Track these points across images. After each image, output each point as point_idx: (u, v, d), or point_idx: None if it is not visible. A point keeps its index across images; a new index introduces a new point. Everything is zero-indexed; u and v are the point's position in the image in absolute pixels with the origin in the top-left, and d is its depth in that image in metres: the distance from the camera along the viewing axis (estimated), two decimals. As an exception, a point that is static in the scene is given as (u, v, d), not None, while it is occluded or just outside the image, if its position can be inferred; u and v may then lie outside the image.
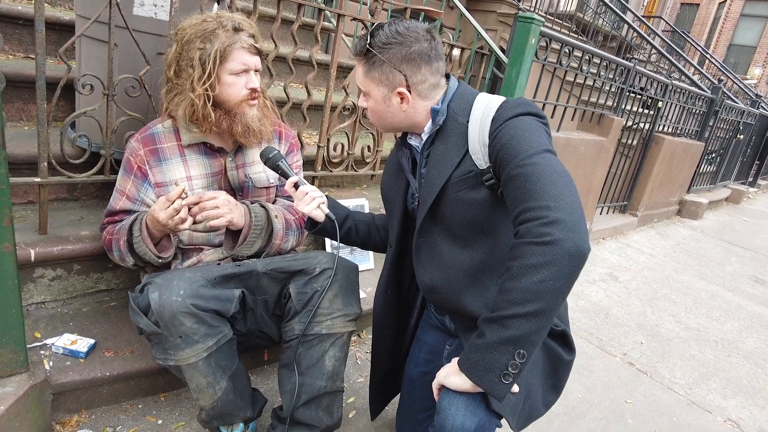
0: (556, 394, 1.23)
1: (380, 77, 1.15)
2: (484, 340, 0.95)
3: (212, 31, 1.31)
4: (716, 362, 2.63)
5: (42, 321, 1.57)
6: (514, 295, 0.91)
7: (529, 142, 1.03)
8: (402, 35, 1.12)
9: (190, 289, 1.18)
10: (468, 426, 0.99)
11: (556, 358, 1.20)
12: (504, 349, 0.92)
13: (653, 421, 2.03)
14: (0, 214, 1.13)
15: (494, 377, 0.94)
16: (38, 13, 1.34)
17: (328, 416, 1.38)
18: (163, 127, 1.42)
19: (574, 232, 0.90)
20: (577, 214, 0.93)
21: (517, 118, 1.08)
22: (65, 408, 1.45)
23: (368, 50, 1.14)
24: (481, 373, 0.95)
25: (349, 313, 1.38)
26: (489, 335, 0.94)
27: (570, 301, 2.99)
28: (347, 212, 1.48)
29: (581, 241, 0.90)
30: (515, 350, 0.92)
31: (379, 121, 1.25)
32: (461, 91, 1.20)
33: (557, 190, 0.94)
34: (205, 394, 1.27)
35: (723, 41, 17.68)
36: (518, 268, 0.92)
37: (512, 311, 0.91)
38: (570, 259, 0.90)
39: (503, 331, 0.92)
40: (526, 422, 1.13)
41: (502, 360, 0.93)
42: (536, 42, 2.45)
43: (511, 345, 0.92)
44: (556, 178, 0.96)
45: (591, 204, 3.95)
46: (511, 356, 0.92)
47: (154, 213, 1.25)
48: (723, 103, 5.65)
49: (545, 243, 0.90)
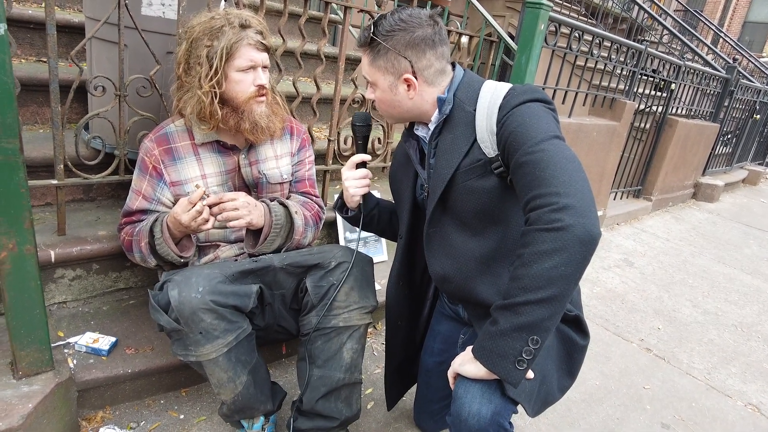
0: (571, 379, 1.23)
1: (386, 65, 1.15)
2: (498, 328, 0.95)
3: (219, 28, 1.31)
4: (735, 346, 2.61)
5: (64, 320, 1.61)
6: (526, 282, 0.92)
7: (537, 128, 1.03)
8: (405, 22, 1.12)
9: (209, 285, 1.19)
10: (484, 413, 0.99)
11: (570, 343, 1.20)
12: (518, 336, 0.93)
13: (672, 407, 2.02)
14: (21, 217, 1.15)
15: (509, 364, 0.94)
16: (49, 16, 1.35)
17: (347, 408, 1.39)
18: (175, 126, 1.43)
19: (584, 217, 0.90)
20: (587, 199, 0.93)
21: (525, 104, 1.08)
22: (90, 404, 1.48)
23: (372, 39, 1.14)
24: (495, 360, 0.96)
25: (365, 305, 1.39)
26: (502, 322, 0.94)
27: (585, 287, 2.97)
28: (377, 201, 1.48)
29: (592, 225, 0.90)
30: (529, 336, 0.92)
31: (387, 111, 1.24)
32: (467, 80, 1.20)
33: (566, 176, 0.94)
34: (226, 389, 1.29)
35: (737, 19, 17.26)
36: (530, 255, 0.92)
37: (525, 298, 0.92)
38: (581, 245, 0.90)
39: (516, 318, 0.93)
40: (542, 408, 1.14)
41: (516, 346, 0.93)
42: (545, 28, 2.42)
43: (524, 331, 0.92)
44: (565, 164, 0.96)
45: (604, 190, 3.91)
46: (525, 343, 0.93)
47: (177, 215, 1.26)
48: (738, 83, 5.54)
49: (556, 229, 0.90)
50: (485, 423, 0.99)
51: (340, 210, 1.44)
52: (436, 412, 1.55)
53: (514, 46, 2.50)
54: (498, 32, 2.55)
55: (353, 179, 1.33)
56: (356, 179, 1.33)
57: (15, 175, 1.12)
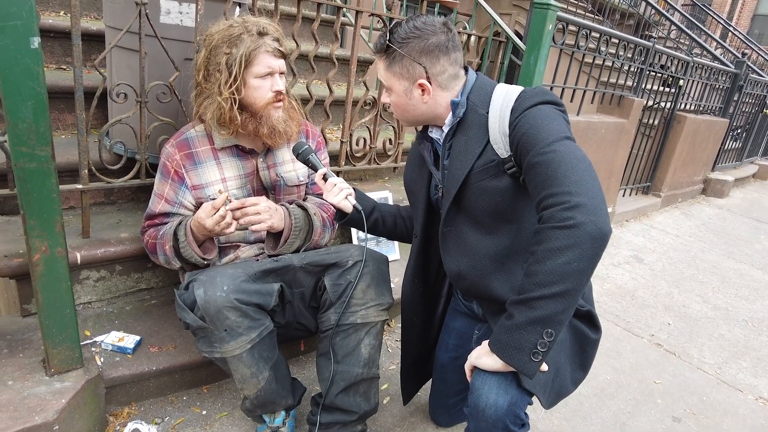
0: (584, 372, 1.27)
1: (401, 71, 1.19)
2: (514, 322, 0.99)
3: (238, 36, 1.35)
4: (746, 341, 2.62)
5: (90, 320, 1.66)
6: (541, 278, 0.95)
7: (549, 130, 1.06)
8: (420, 29, 1.16)
9: (233, 284, 1.24)
10: (501, 403, 1.03)
11: (582, 337, 1.24)
12: (533, 329, 0.96)
13: (683, 401, 2.04)
14: (53, 220, 1.21)
15: (524, 356, 0.98)
16: (74, 27, 1.40)
17: (366, 402, 1.44)
18: (195, 132, 1.48)
19: (595, 215, 0.94)
20: (598, 197, 0.96)
21: (536, 107, 1.11)
22: (117, 401, 1.54)
23: (388, 46, 1.19)
24: (511, 352, 1.00)
25: (381, 302, 1.43)
26: (518, 316, 0.98)
27: (595, 284, 3.00)
28: (374, 204, 1.52)
29: (603, 223, 0.94)
30: (543, 330, 0.96)
31: (402, 115, 1.28)
32: (480, 83, 1.23)
33: (577, 176, 0.98)
34: (249, 384, 1.34)
35: (747, 12, 17.09)
36: (543, 251, 0.96)
37: (539, 293, 0.95)
38: (593, 242, 0.93)
39: (531, 312, 0.96)
40: (556, 399, 1.18)
41: (532, 339, 0.97)
42: (553, 28, 2.45)
43: (539, 325, 0.96)
44: (576, 164, 1.00)
45: (613, 186, 3.92)
46: (539, 336, 0.96)
47: (201, 220, 1.31)
48: (747, 78, 5.52)
49: (568, 227, 0.94)
50: (502, 413, 1.03)
51: (340, 220, 1.48)
52: (451, 406, 1.59)
53: (523, 46, 2.53)
54: (506, 32, 2.58)
55: (328, 192, 1.40)
56: (330, 191, 1.40)
57: (47, 180, 1.17)
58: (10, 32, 1.03)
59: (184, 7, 1.64)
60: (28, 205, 1.16)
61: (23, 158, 1.13)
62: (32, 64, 1.07)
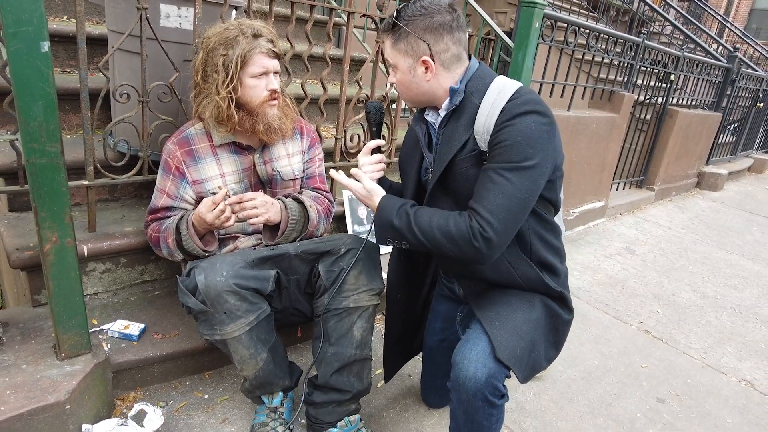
0: (557, 351, 1.35)
1: (406, 48, 1.25)
2: (393, 217, 1.27)
3: (234, 38, 1.44)
4: (732, 327, 2.70)
5: (96, 310, 1.75)
6: (425, 228, 1.21)
7: (519, 153, 1.15)
8: (426, 8, 1.22)
9: (232, 270, 1.32)
10: (480, 375, 1.11)
11: (556, 317, 1.32)
12: (392, 230, 1.26)
13: (667, 383, 2.12)
14: (62, 212, 1.29)
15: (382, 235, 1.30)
16: (80, 32, 1.48)
17: (359, 382, 1.52)
18: (195, 129, 1.56)
19: (491, 252, 1.17)
20: (506, 241, 1.18)
21: (525, 116, 1.16)
22: (123, 385, 1.62)
23: (395, 24, 1.25)
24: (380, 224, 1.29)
25: (373, 287, 1.51)
26: (397, 223, 1.25)
27: (586, 274, 3.08)
28: (390, 183, 1.57)
29: (489, 258, 1.18)
30: (393, 238, 1.28)
31: (405, 93, 1.33)
32: (480, 73, 1.28)
33: (508, 215, 1.16)
34: (248, 365, 1.42)
35: (744, 7, 17.12)
36: (447, 227, 1.18)
37: (415, 230, 1.22)
38: (466, 257, 1.18)
39: (400, 225, 1.25)
40: (530, 374, 1.26)
41: (388, 235, 1.28)
42: (540, 25, 2.52)
43: (395, 232, 1.26)
44: (512, 204, 1.16)
45: (605, 181, 4.00)
46: (394, 238, 1.28)
47: (201, 214, 1.40)
48: (740, 72, 5.59)
49: (472, 245, 1.16)
50: (481, 384, 1.11)
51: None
52: (440, 387, 1.67)
53: (511, 43, 2.61)
54: (495, 30, 2.66)
55: (369, 164, 1.41)
56: (372, 164, 1.42)
57: (57, 175, 1.26)
58: (23, 37, 1.11)
59: (182, 11, 1.72)
60: (40, 198, 1.25)
61: (35, 154, 1.21)
62: (42, 67, 1.16)
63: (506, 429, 1.73)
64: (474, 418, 1.18)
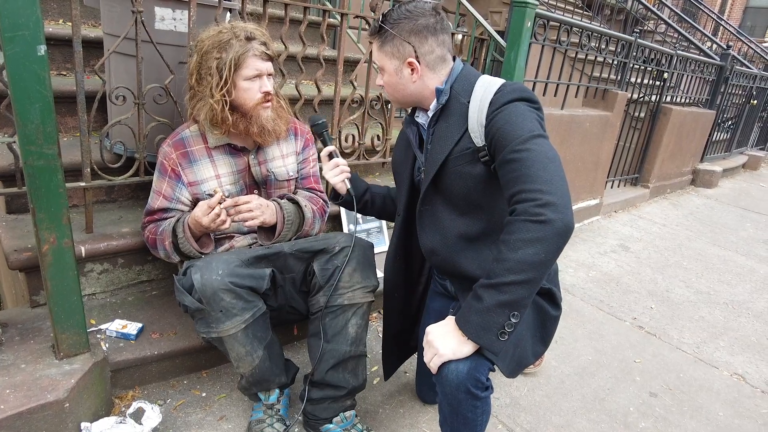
0: (544, 346, 1.38)
1: (392, 50, 1.29)
2: (483, 304, 1.07)
3: (227, 41, 1.46)
4: (725, 323, 2.73)
5: (95, 310, 1.77)
6: (511, 265, 1.04)
7: (522, 128, 1.15)
8: (410, 11, 1.27)
9: (228, 269, 1.34)
10: (461, 368, 1.13)
11: (544, 313, 1.35)
12: (501, 312, 1.06)
13: (660, 378, 2.15)
14: (60, 214, 1.31)
15: (493, 336, 1.07)
16: (76, 35, 1.51)
17: (354, 378, 1.54)
18: (190, 132, 1.58)
19: (563, 213, 1.04)
20: (566, 197, 1.06)
21: (512, 103, 1.20)
22: (121, 384, 1.64)
23: (381, 27, 1.29)
24: (480, 332, 1.08)
25: (367, 285, 1.53)
26: (487, 299, 1.06)
27: (581, 272, 3.11)
28: (366, 186, 1.63)
29: (569, 221, 1.04)
30: (511, 312, 1.06)
31: (392, 94, 1.37)
32: (465, 73, 1.32)
33: (549, 175, 1.07)
34: (244, 362, 1.44)
35: (738, 5, 17.20)
36: (515, 241, 1.05)
37: (509, 279, 1.04)
38: (559, 237, 1.04)
39: (501, 296, 1.05)
40: (517, 368, 1.28)
41: (500, 321, 1.06)
42: (532, 25, 2.55)
43: (507, 308, 1.05)
44: (547, 164, 1.10)
45: (600, 178, 4.03)
46: (507, 317, 1.06)
47: (197, 218, 1.42)
48: (733, 69, 5.62)
49: (540, 222, 1.03)
50: (463, 377, 1.13)
51: (334, 199, 1.59)
52: (435, 383, 1.69)
53: (504, 43, 2.63)
54: (488, 30, 2.68)
55: (329, 171, 1.50)
56: (331, 170, 1.50)
57: (54, 176, 1.27)
58: (19, 41, 1.13)
59: (177, 13, 1.74)
60: (37, 200, 1.27)
61: (32, 156, 1.23)
62: (39, 70, 1.18)
63: (501, 424, 1.75)
64: (458, 410, 1.21)
